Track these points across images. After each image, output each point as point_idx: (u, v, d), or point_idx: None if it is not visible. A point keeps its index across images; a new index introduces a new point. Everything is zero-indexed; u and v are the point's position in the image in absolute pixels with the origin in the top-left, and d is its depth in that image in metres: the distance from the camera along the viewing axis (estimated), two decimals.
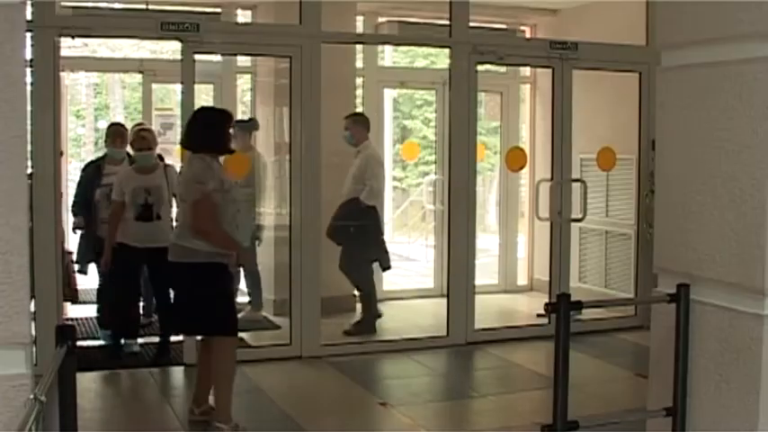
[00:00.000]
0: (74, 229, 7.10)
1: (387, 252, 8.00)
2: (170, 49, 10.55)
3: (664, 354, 3.00)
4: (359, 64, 9.10)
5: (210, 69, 8.41)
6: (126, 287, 6.63)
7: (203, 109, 5.72)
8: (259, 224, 7.94)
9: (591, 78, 8.08)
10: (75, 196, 7.09)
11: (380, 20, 9.10)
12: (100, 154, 7.90)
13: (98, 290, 7.02)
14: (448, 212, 7.49)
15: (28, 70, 5.49)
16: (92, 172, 7.01)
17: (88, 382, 5.97)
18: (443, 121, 8.99)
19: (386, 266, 7.99)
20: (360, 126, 7.72)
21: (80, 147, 17.53)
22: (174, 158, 8.07)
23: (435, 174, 10.01)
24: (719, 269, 2.76)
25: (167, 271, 5.20)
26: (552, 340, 2.88)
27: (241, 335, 7.38)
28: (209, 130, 5.05)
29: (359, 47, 8.98)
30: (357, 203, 7.52)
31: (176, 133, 8.44)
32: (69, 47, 7.20)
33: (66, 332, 2.51)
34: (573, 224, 7.93)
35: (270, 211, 8.50)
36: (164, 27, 6.39)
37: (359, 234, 7.59)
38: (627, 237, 8.45)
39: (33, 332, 2.62)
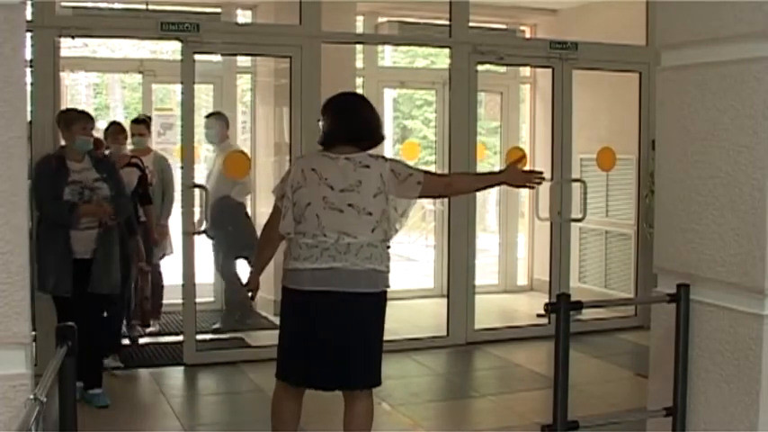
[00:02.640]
0: None
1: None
2: (170, 50, 10.56)
3: (664, 354, 3.00)
4: (359, 64, 9.10)
5: (210, 69, 8.41)
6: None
7: None
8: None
9: (591, 78, 8.08)
10: None
11: (380, 20, 9.10)
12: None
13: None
14: (448, 212, 7.50)
15: (28, 70, 5.49)
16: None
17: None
18: (443, 122, 8.99)
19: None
20: (221, 124, 7.66)
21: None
22: (174, 158, 8.09)
23: None
24: (719, 269, 2.76)
25: None
26: (552, 340, 2.88)
27: (241, 335, 7.42)
28: None
29: (359, 47, 8.98)
30: (228, 200, 7.42)
31: (176, 133, 8.44)
32: (69, 47, 7.19)
33: (66, 332, 2.51)
34: (573, 224, 7.93)
35: (269, 211, 8.50)
36: (164, 27, 6.39)
37: (231, 231, 7.54)
38: (627, 237, 8.45)
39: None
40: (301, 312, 4.00)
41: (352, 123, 4.06)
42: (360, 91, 9.19)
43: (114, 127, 7.12)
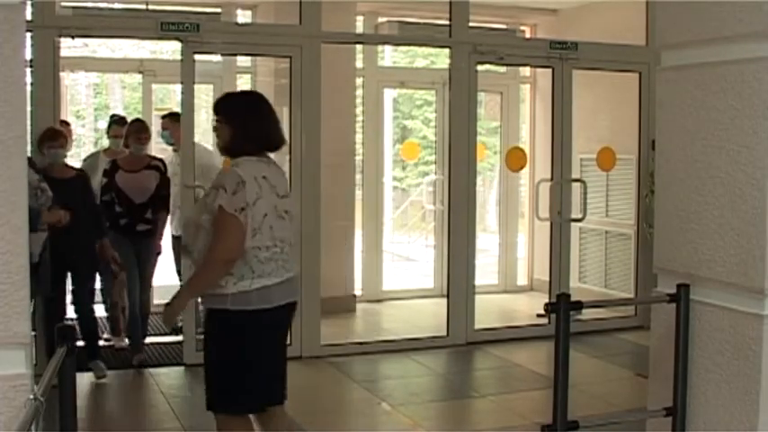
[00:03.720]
0: None
1: None
2: (170, 50, 10.57)
3: (664, 354, 3.00)
4: (359, 64, 9.10)
5: (210, 69, 8.41)
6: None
7: None
8: None
9: (591, 78, 8.09)
10: None
11: (380, 20, 9.11)
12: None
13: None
14: (448, 212, 7.49)
15: (28, 70, 5.49)
16: None
17: (87, 383, 5.96)
18: (443, 121, 8.99)
19: None
20: (178, 125, 7.21)
21: (80, 147, 17.51)
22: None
23: (435, 174, 10.01)
24: (719, 269, 2.77)
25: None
26: (552, 340, 2.88)
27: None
28: None
29: (359, 47, 8.98)
30: None
31: None
32: (69, 47, 7.20)
33: (66, 332, 2.51)
34: (573, 224, 7.93)
35: None
36: (164, 27, 6.39)
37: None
38: (627, 237, 8.45)
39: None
40: (270, 330, 3.74)
41: (274, 126, 3.84)
42: (359, 91, 9.20)
43: (137, 125, 6.85)
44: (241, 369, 3.69)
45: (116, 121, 7.44)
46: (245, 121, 3.70)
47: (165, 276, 7.36)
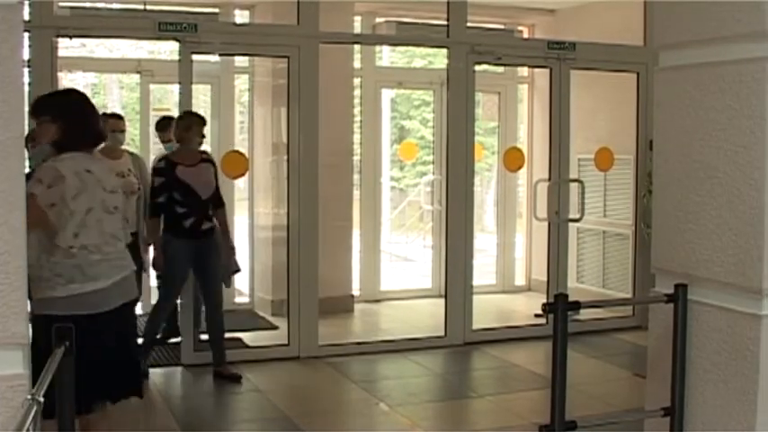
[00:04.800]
0: None
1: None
2: (168, 50, 10.55)
3: (661, 354, 3.00)
4: (357, 64, 9.11)
5: (208, 69, 8.41)
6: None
7: None
8: None
9: (589, 78, 8.09)
10: None
11: (378, 20, 9.11)
12: None
13: None
14: (446, 213, 7.50)
15: (26, 70, 5.49)
16: None
17: None
18: (441, 122, 8.99)
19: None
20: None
21: None
22: None
23: (433, 174, 10.01)
24: (717, 269, 2.77)
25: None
26: (550, 340, 2.88)
27: (239, 335, 7.42)
28: None
29: (357, 47, 8.99)
30: None
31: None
32: (67, 47, 7.19)
33: (64, 332, 2.50)
34: (571, 224, 7.93)
35: (267, 211, 8.52)
36: (161, 27, 6.39)
37: None
38: (624, 237, 8.45)
39: None
40: (95, 338, 3.39)
41: (97, 123, 3.77)
42: (357, 91, 9.20)
43: (189, 119, 6.41)
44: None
45: (112, 114, 7.38)
46: (73, 119, 3.63)
47: None
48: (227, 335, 7.37)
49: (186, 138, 6.14)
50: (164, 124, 7.13)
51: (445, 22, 7.34)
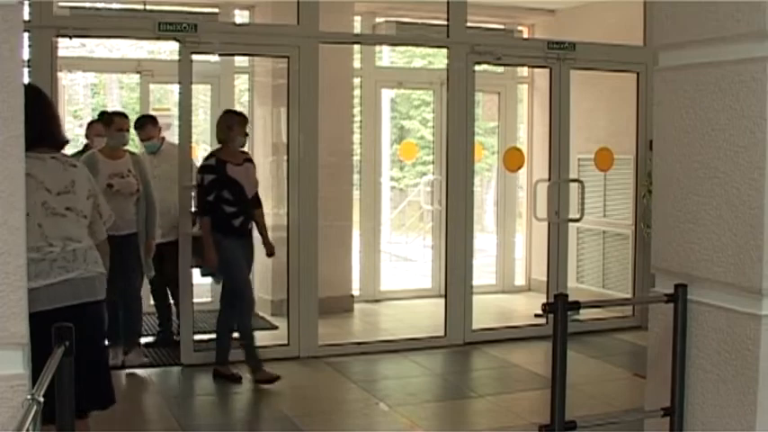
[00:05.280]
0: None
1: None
2: (168, 50, 10.54)
3: (661, 354, 3.00)
4: (356, 64, 9.11)
5: (208, 69, 8.41)
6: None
7: None
8: None
9: (588, 78, 8.09)
10: None
11: (378, 20, 9.11)
12: None
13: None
14: (445, 213, 7.49)
15: (25, 70, 5.48)
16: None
17: None
18: (441, 122, 9.00)
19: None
20: (154, 127, 7.17)
21: (78, 147, 17.48)
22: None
23: (433, 174, 10.01)
24: (717, 269, 2.77)
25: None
26: (550, 340, 2.88)
27: (239, 335, 7.40)
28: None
29: (356, 47, 8.99)
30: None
31: (173, 133, 8.43)
32: (67, 47, 7.19)
33: (64, 332, 2.50)
34: (570, 224, 7.93)
35: (267, 211, 8.50)
36: (161, 27, 6.39)
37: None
38: (624, 237, 8.45)
39: None
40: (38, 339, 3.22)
41: (52, 121, 3.64)
42: (357, 91, 9.20)
43: (238, 118, 6.32)
44: None
45: (116, 113, 7.39)
46: None
47: None
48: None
49: (229, 137, 6.06)
50: (142, 122, 7.14)
51: (445, 22, 7.34)
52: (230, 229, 5.98)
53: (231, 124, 6.10)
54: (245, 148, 6.41)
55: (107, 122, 6.49)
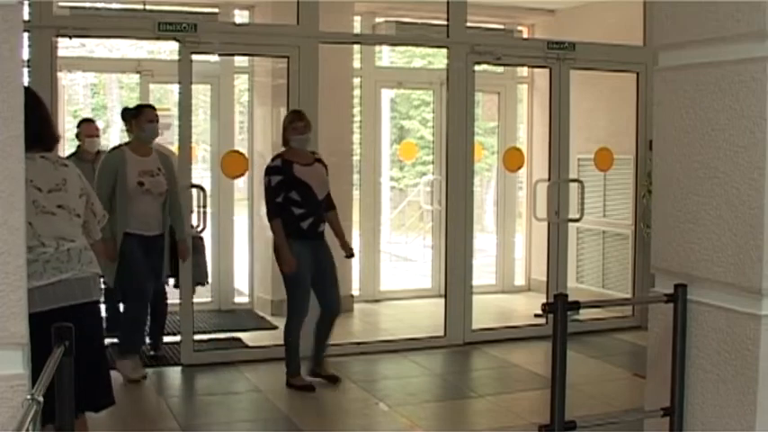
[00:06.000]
0: None
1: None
2: (167, 50, 10.55)
3: (661, 354, 3.00)
4: (356, 64, 9.11)
5: (208, 69, 8.41)
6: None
7: None
8: None
9: (588, 78, 8.09)
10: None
11: (378, 20, 9.11)
12: None
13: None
14: (445, 213, 7.50)
15: (25, 70, 5.49)
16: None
17: None
18: (441, 122, 9.00)
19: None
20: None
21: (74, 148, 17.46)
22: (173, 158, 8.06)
23: (433, 174, 10.01)
24: (717, 269, 2.77)
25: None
26: (550, 340, 2.88)
27: (239, 335, 7.42)
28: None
29: (356, 47, 8.98)
30: None
31: (174, 133, 8.44)
32: (66, 47, 7.19)
33: (64, 332, 2.51)
34: (570, 224, 7.93)
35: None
36: (161, 27, 6.39)
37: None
38: (624, 237, 8.45)
39: None
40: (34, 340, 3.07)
41: (46, 121, 3.61)
42: (357, 91, 9.20)
43: (293, 115, 6.16)
44: None
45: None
46: None
47: None
48: (226, 335, 7.41)
49: (288, 138, 5.91)
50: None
51: (445, 22, 7.34)
52: (299, 232, 5.80)
53: (286, 124, 5.96)
54: (313, 149, 6.18)
55: (135, 115, 6.33)
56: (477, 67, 7.35)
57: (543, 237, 8.01)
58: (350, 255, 6.28)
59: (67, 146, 8.02)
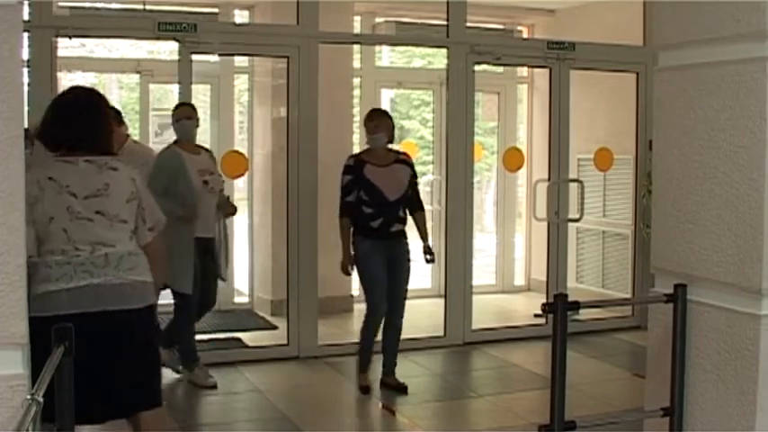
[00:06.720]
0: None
1: None
2: (167, 50, 10.54)
3: (661, 354, 3.00)
4: (356, 64, 9.10)
5: (208, 69, 8.40)
6: None
7: None
8: None
9: (588, 78, 8.09)
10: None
11: (378, 20, 9.11)
12: None
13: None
14: (445, 213, 7.50)
15: (25, 71, 5.49)
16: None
17: None
18: (441, 122, 8.99)
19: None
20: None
21: None
22: None
23: (433, 174, 10.01)
24: (716, 269, 2.77)
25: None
26: (550, 340, 2.88)
27: (239, 335, 7.42)
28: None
29: (356, 47, 8.98)
30: None
31: (173, 134, 8.43)
32: (66, 47, 7.18)
33: (63, 332, 2.51)
34: (570, 224, 7.93)
35: (267, 211, 8.51)
36: (161, 27, 6.39)
37: None
38: (624, 237, 8.45)
39: None
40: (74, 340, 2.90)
41: (78, 127, 3.52)
42: (357, 91, 9.20)
43: (372, 114, 6.10)
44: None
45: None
46: (47, 120, 3.54)
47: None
48: (226, 335, 7.41)
49: (370, 139, 5.91)
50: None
51: (445, 23, 7.34)
52: (369, 231, 5.78)
53: (365, 123, 5.97)
54: (394, 146, 6.14)
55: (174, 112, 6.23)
56: (476, 67, 7.35)
57: (543, 237, 8.01)
58: (430, 260, 6.16)
59: None
